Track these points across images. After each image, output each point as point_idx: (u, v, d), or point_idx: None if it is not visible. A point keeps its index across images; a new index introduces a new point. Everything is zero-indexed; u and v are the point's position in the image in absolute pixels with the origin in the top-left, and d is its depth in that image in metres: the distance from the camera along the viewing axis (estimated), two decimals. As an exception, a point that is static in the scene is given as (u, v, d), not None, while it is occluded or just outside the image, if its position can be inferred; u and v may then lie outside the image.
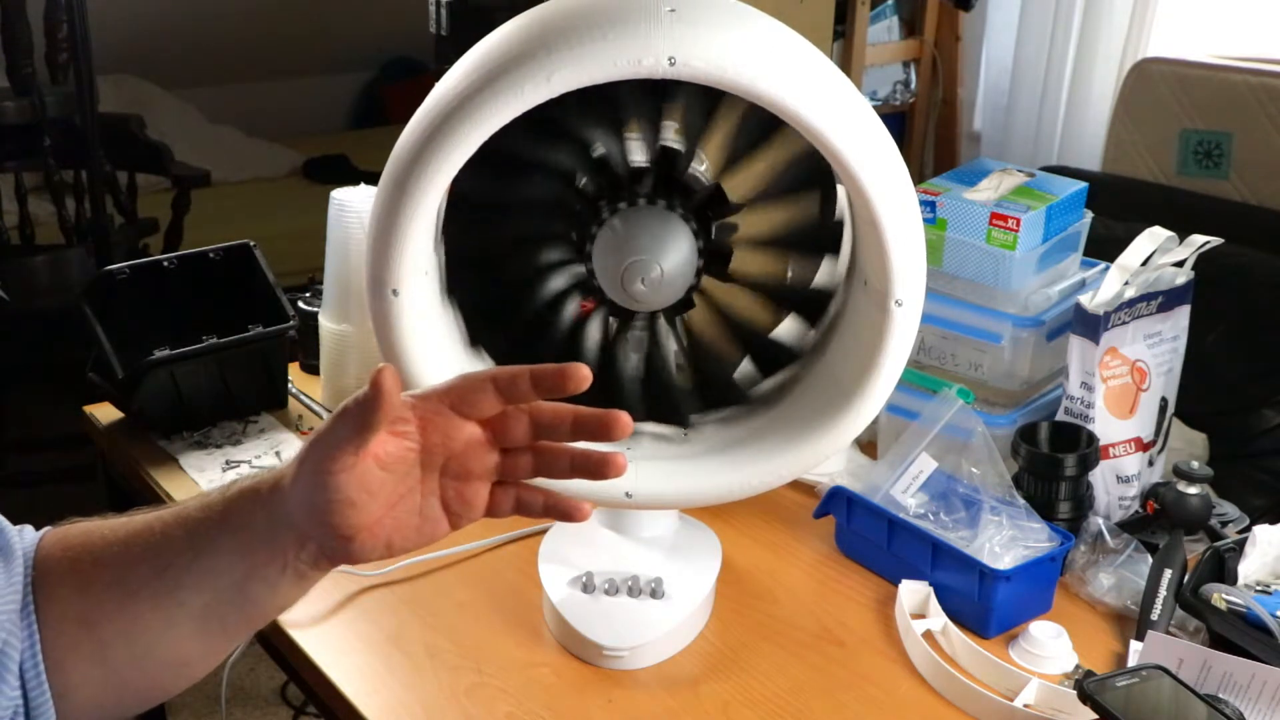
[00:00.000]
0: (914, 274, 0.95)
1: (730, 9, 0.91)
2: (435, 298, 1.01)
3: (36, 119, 2.81)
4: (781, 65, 0.88)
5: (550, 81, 0.86)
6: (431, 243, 0.99)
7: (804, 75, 0.89)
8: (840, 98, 0.91)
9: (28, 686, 0.79)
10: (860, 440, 1.42)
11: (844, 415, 1.01)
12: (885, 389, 1.00)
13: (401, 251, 0.93)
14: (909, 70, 3.24)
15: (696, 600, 1.09)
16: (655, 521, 1.15)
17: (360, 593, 1.15)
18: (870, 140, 0.91)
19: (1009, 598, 1.08)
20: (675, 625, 1.07)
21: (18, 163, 3.02)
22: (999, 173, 1.33)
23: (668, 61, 0.85)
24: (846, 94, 0.93)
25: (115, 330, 1.39)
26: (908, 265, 0.94)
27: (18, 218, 3.04)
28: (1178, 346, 1.30)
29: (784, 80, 0.87)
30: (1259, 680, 0.95)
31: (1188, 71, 2.35)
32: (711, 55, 0.85)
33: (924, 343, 1.35)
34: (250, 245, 1.50)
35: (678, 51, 0.85)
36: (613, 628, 1.05)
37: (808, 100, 0.88)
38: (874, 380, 0.99)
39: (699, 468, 1.04)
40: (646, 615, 1.07)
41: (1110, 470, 1.25)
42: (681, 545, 1.16)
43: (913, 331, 0.98)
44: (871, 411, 1.01)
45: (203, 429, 1.43)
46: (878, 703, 1.02)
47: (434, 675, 1.03)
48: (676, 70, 0.85)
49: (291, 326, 1.47)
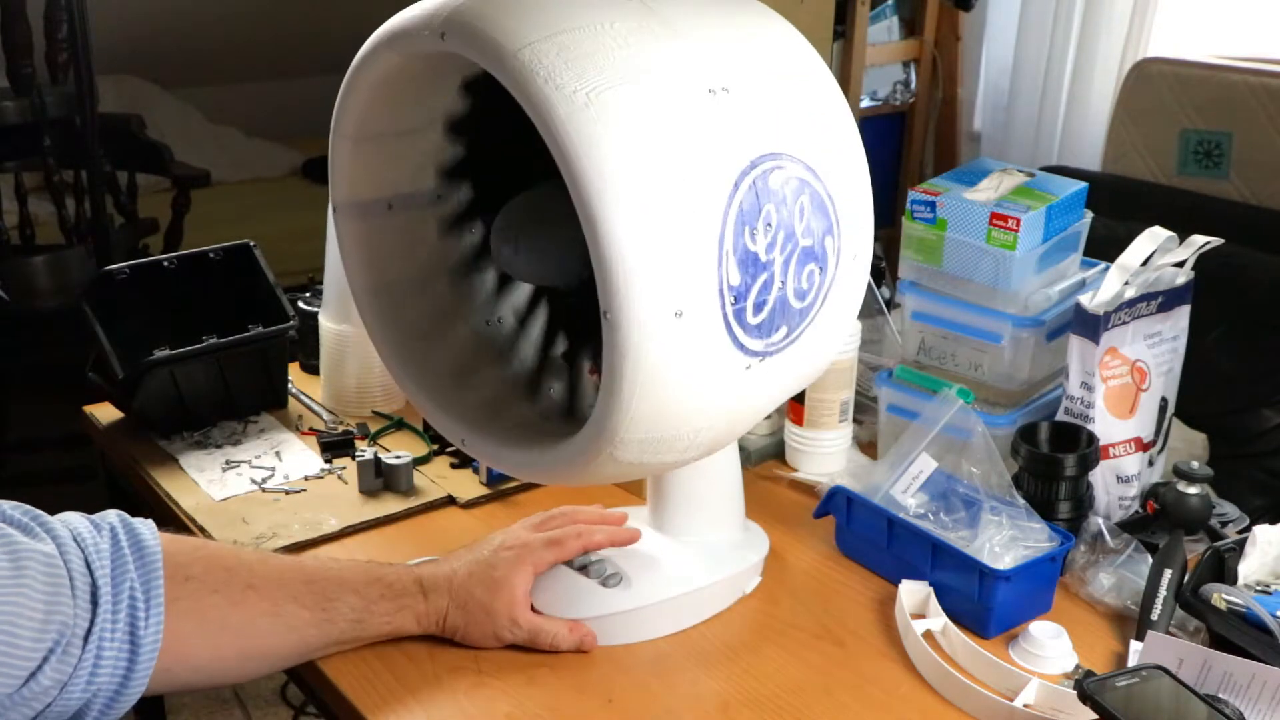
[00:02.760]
0: (633, 290, 0.84)
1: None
2: (381, 220, 1.10)
3: (36, 119, 2.81)
4: (520, 46, 0.85)
5: (381, 49, 0.98)
6: (368, 173, 1.08)
7: (543, 59, 0.84)
8: (589, 89, 0.84)
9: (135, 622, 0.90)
10: (860, 440, 1.43)
11: (593, 435, 0.93)
12: (622, 415, 0.89)
13: (335, 177, 1.08)
14: (909, 70, 3.24)
15: (640, 601, 1.09)
16: (700, 527, 1.15)
17: (360, 593, 1.15)
18: (606, 135, 0.84)
19: (1009, 598, 1.08)
20: (608, 614, 1.08)
21: (18, 163, 3.03)
22: (999, 173, 1.33)
23: (440, 36, 0.89)
24: (607, 86, 0.85)
25: (115, 330, 1.39)
26: (623, 278, 0.84)
27: (18, 218, 3.04)
28: (1178, 346, 1.30)
29: (517, 62, 0.84)
30: (1259, 680, 0.95)
31: (1188, 71, 2.35)
32: (465, 33, 0.88)
33: (924, 343, 1.35)
34: (250, 245, 1.50)
35: (448, 27, 0.89)
36: (547, 590, 1.09)
37: (533, 83, 0.84)
38: (604, 403, 0.90)
39: (520, 442, 1.05)
40: (586, 595, 1.09)
41: (1110, 470, 1.25)
42: (706, 557, 1.14)
43: (639, 354, 0.86)
44: (614, 436, 0.91)
45: (203, 429, 1.43)
46: (878, 703, 1.02)
47: (434, 675, 1.03)
48: (447, 44, 0.89)
49: (291, 326, 1.47)
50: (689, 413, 0.93)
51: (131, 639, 0.89)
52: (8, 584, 0.81)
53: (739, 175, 0.89)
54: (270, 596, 0.98)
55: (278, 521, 1.25)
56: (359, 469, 1.31)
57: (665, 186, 0.86)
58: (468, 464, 1.36)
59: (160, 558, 0.92)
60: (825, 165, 0.97)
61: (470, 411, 1.09)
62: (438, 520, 1.28)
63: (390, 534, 1.25)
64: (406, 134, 1.07)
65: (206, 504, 1.28)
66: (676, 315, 0.87)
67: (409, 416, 1.46)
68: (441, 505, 1.30)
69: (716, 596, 1.13)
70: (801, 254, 0.95)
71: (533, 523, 1.15)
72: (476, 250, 1.13)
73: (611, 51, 0.87)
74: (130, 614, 0.90)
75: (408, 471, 1.31)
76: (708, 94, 0.89)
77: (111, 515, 0.94)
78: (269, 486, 1.32)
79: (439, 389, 1.11)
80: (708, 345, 0.90)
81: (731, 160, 0.89)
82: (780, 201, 0.92)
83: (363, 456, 1.31)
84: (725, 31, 0.96)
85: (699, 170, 0.88)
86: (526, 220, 1.03)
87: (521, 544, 1.09)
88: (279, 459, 1.38)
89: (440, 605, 1.05)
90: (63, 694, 0.86)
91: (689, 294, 0.87)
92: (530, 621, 1.05)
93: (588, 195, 0.83)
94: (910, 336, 1.37)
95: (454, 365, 1.12)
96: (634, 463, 0.95)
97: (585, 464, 0.95)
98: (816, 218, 0.96)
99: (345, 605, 1.01)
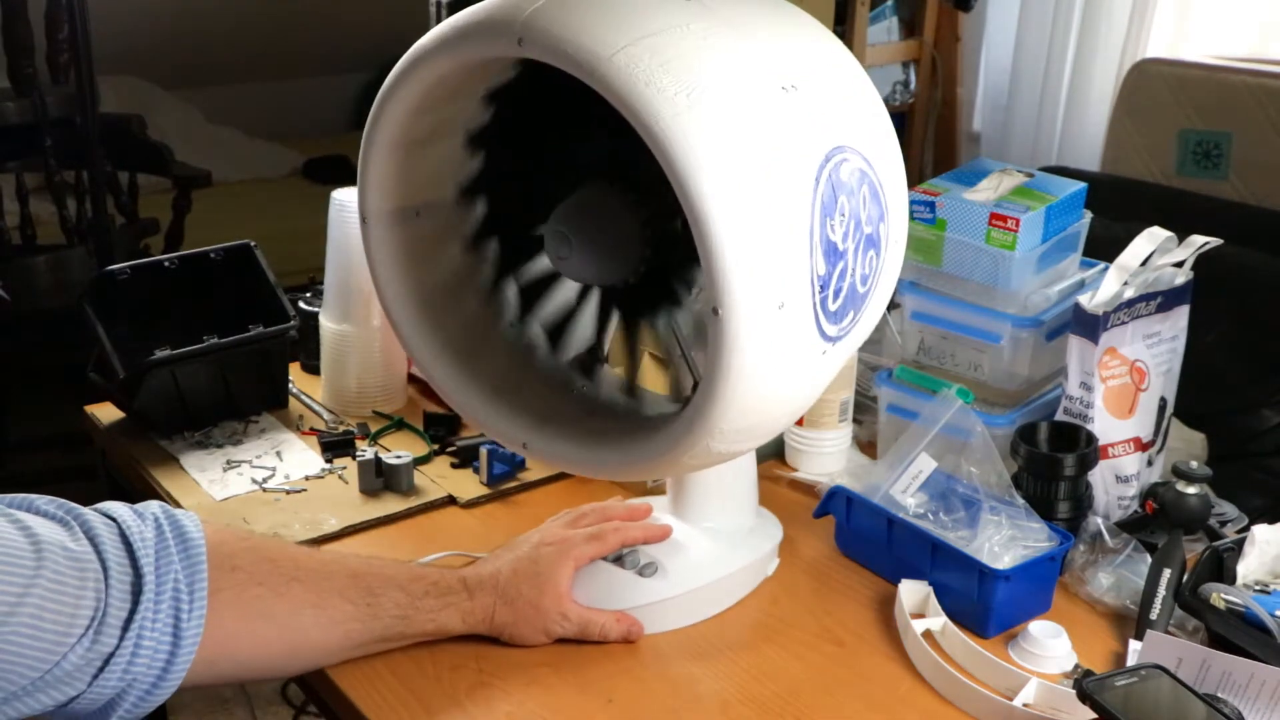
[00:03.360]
0: (743, 284, 0.86)
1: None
2: (410, 229, 1.09)
3: (37, 119, 2.81)
4: (614, 51, 0.85)
5: (440, 55, 0.96)
6: (398, 182, 1.07)
7: (639, 62, 0.85)
8: (687, 90, 0.85)
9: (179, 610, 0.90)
10: (860, 440, 1.43)
11: (691, 428, 0.94)
12: (725, 407, 0.91)
13: (366, 185, 1.06)
14: (909, 71, 3.24)
15: (678, 589, 1.10)
16: (718, 514, 1.17)
17: (361, 592, 1.15)
18: (708, 135, 0.85)
19: (1008, 597, 1.09)
20: (648, 603, 1.09)
21: (19, 163, 3.03)
22: (998, 173, 1.33)
23: (517, 42, 0.88)
24: (702, 87, 0.86)
25: (116, 330, 1.39)
26: (734, 274, 0.86)
27: (19, 218, 3.05)
28: (1177, 346, 1.30)
29: (613, 67, 0.84)
30: (1258, 680, 0.95)
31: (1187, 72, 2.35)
32: (549, 39, 0.87)
33: (923, 343, 1.36)
34: (251, 245, 1.51)
35: (526, 33, 0.88)
36: (586, 583, 1.10)
37: (633, 87, 0.84)
38: (708, 395, 0.91)
39: (584, 440, 1.06)
40: (626, 585, 1.10)
41: (1109, 470, 1.25)
42: (730, 543, 1.16)
43: (747, 347, 0.88)
44: (714, 428, 0.93)
45: (204, 429, 1.43)
46: (878, 703, 1.02)
47: (434, 675, 1.03)
48: (525, 50, 0.88)
49: (292, 326, 1.47)
50: (779, 400, 0.96)
51: (175, 629, 0.90)
52: (31, 573, 0.82)
53: (818, 169, 0.92)
54: (315, 589, 0.99)
55: (278, 521, 1.25)
56: (359, 469, 1.31)
57: (764, 183, 0.87)
58: (468, 464, 1.36)
59: (204, 549, 0.92)
60: (875, 155, 0.99)
61: (522, 416, 1.09)
62: (438, 520, 1.28)
63: (390, 534, 1.25)
64: (436, 141, 1.07)
65: (207, 504, 1.28)
66: (780, 307, 0.89)
67: (409, 416, 1.46)
68: (442, 505, 1.30)
69: (745, 581, 1.16)
70: (865, 241, 0.98)
71: (566, 520, 1.15)
72: (498, 266, 1.13)
73: (697, 53, 0.88)
74: (174, 604, 0.90)
75: (408, 471, 1.31)
76: (781, 91, 0.91)
77: (154, 506, 0.94)
78: (270, 486, 1.32)
79: (487, 398, 1.11)
80: (801, 334, 0.92)
81: (812, 154, 0.92)
82: (849, 192, 0.95)
83: (363, 456, 1.31)
84: (778, 29, 0.97)
85: (789, 165, 0.90)
86: (581, 222, 1.02)
87: (562, 539, 1.10)
88: (280, 459, 1.38)
89: (487, 603, 1.05)
90: (95, 682, 0.86)
91: (789, 286, 0.90)
92: (579, 614, 1.07)
93: (696, 196, 0.84)
94: (910, 336, 1.37)
95: (497, 375, 1.12)
96: (723, 451, 0.97)
97: (678, 458, 0.97)
98: (873, 206, 0.99)
99: (390, 601, 1.01)
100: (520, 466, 1.34)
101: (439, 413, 1.44)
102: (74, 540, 0.87)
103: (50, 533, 0.85)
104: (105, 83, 3.02)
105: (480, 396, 1.11)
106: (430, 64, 0.97)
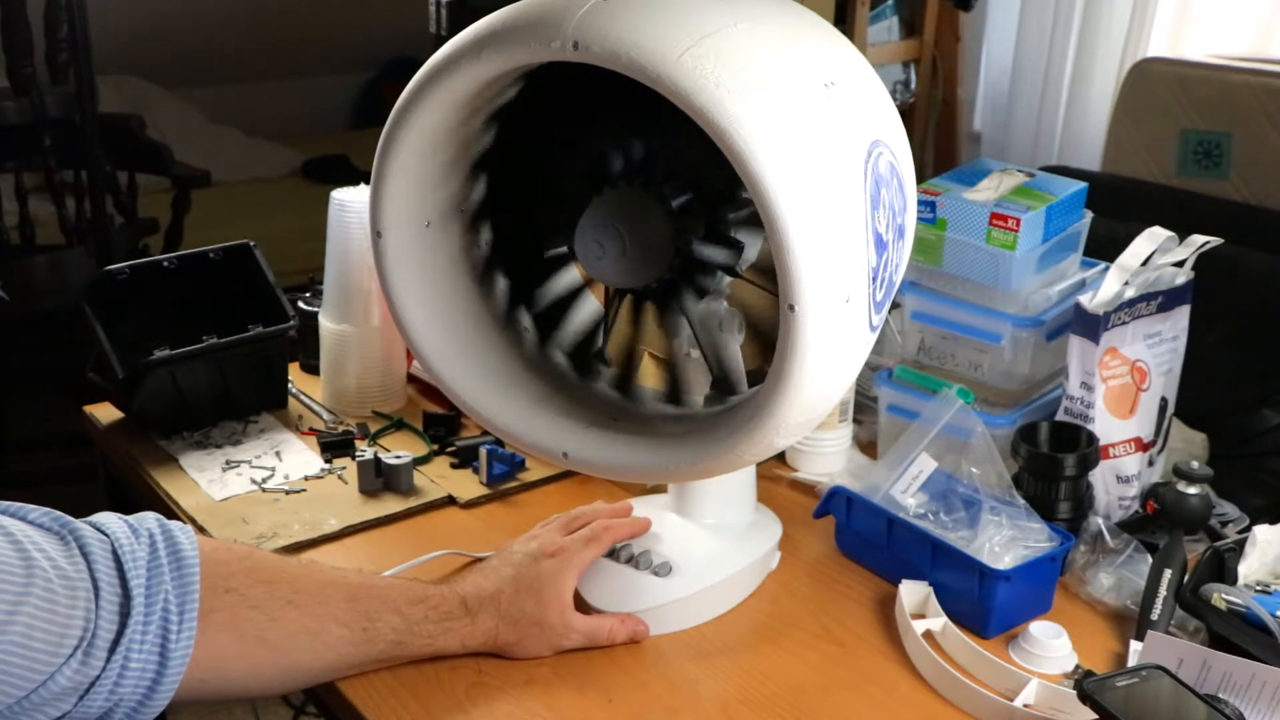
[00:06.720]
0: (816, 280, 0.87)
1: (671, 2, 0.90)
2: (426, 243, 1.07)
3: (37, 119, 2.81)
4: (680, 52, 0.85)
5: (480, 58, 0.92)
6: (424, 194, 1.04)
7: (705, 63, 0.85)
8: (753, 89, 0.85)
9: (168, 629, 0.89)
10: (860, 440, 1.43)
11: (755, 423, 0.95)
12: (792, 402, 0.92)
13: (383, 198, 1.03)
14: (909, 70, 3.24)
15: (693, 586, 1.11)
16: (721, 511, 1.18)
17: (360, 593, 1.15)
18: (778, 133, 0.86)
19: (1009, 598, 1.08)
20: (664, 603, 1.09)
21: (18, 163, 3.03)
22: (999, 173, 1.33)
23: (572, 46, 0.87)
24: (766, 86, 0.87)
25: (115, 330, 1.39)
26: (808, 270, 0.86)
27: (18, 218, 3.04)
28: (1177, 346, 1.30)
29: (681, 68, 0.84)
30: (1259, 680, 0.95)
31: (1188, 71, 2.35)
32: (607, 43, 0.86)
33: (924, 343, 1.36)
34: (250, 245, 1.50)
35: (581, 37, 0.87)
36: (602, 587, 1.10)
37: (704, 88, 0.84)
38: (777, 390, 0.91)
39: (632, 443, 1.05)
40: (642, 587, 1.10)
41: (1110, 470, 1.25)
42: (735, 539, 1.17)
43: (817, 342, 0.89)
44: (779, 423, 0.93)
45: (203, 429, 1.43)
46: (878, 703, 1.02)
47: (434, 675, 1.03)
48: (580, 54, 0.87)
49: (291, 326, 1.47)
50: (835, 392, 0.97)
51: (161, 650, 0.88)
52: (20, 590, 0.81)
53: (864, 163, 0.93)
54: (311, 613, 0.97)
55: (278, 521, 1.25)
56: (359, 469, 1.31)
57: (827, 179, 0.88)
58: (467, 464, 1.36)
59: (197, 568, 0.91)
60: (897, 148, 1.00)
61: (553, 430, 1.08)
62: (438, 520, 1.28)
63: (390, 534, 1.25)
64: (454, 162, 1.05)
65: (206, 504, 1.28)
66: (846, 301, 0.90)
67: (409, 416, 1.46)
68: (441, 505, 1.30)
69: (752, 577, 1.16)
70: (898, 231, 0.99)
71: (558, 525, 1.15)
72: (509, 298, 1.12)
73: (751, 53, 0.88)
74: (163, 625, 0.89)
75: (408, 471, 1.31)
76: (824, 88, 0.92)
77: (150, 520, 0.93)
78: (269, 486, 1.32)
79: (522, 412, 1.09)
80: (859, 326, 0.93)
81: (858, 149, 0.93)
82: (887, 185, 0.96)
83: (363, 456, 1.31)
84: (802, 30, 0.98)
85: (843, 160, 0.90)
86: (618, 223, 1.01)
87: (559, 548, 1.09)
88: (279, 459, 1.38)
89: (489, 626, 1.04)
90: (81, 702, 0.85)
91: (853, 279, 0.91)
92: (585, 624, 1.07)
93: (770, 195, 0.84)
94: (910, 336, 1.37)
95: (529, 394, 1.10)
96: (780, 445, 0.98)
97: (742, 454, 0.97)
98: (900, 197, 1.00)
99: (386, 626, 1.00)
100: (520, 467, 1.34)
101: (438, 413, 1.44)
102: (67, 557, 0.86)
103: (42, 548, 0.84)
104: (104, 82, 3.02)
105: (515, 412, 1.09)
106: (467, 69, 0.93)
